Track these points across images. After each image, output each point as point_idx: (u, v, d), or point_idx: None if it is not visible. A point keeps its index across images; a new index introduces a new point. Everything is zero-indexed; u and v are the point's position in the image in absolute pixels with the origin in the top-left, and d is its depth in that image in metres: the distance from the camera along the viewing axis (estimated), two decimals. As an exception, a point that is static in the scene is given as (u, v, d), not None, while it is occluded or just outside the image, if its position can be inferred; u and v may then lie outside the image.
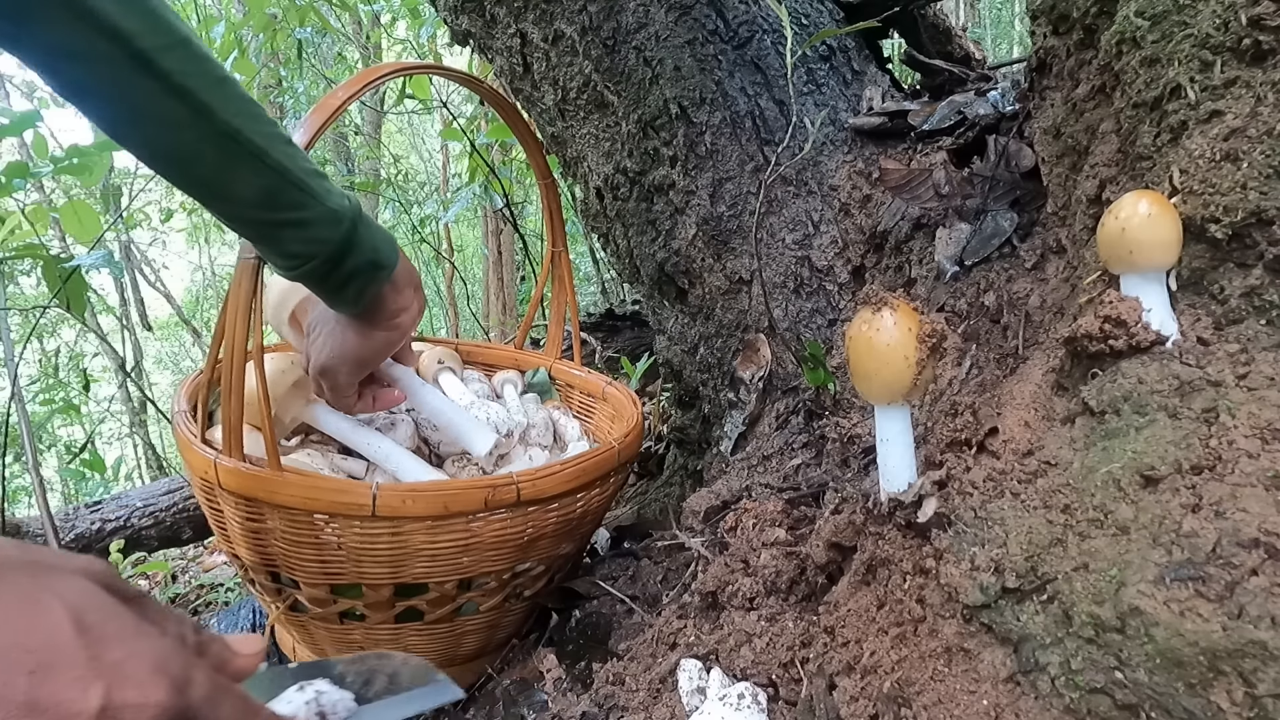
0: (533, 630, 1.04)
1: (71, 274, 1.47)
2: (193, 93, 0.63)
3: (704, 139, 1.07)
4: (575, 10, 1.07)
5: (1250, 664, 0.39)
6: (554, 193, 1.23)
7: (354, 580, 0.86)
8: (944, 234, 0.92)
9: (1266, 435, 0.44)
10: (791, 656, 0.64)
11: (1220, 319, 0.50)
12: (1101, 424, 0.51)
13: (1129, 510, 0.46)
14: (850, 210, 1.03)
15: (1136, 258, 0.50)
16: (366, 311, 0.85)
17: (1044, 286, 0.76)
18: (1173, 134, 0.53)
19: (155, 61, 0.61)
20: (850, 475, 0.87)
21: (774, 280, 1.07)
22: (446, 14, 1.25)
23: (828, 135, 1.06)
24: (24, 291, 5.07)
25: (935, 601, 0.54)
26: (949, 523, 0.56)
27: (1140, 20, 0.54)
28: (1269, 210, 0.47)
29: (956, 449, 0.61)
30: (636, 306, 2.27)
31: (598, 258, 3.19)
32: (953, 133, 0.98)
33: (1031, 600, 0.49)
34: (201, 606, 1.91)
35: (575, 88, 1.13)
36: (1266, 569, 0.40)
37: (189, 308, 7.85)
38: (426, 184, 6.29)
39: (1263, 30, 0.48)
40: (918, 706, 0.51)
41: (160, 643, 0.38)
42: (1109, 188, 0.61)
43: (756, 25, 1.05)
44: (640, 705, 0.69)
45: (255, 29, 3.16)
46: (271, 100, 4.16)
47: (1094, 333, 0.52)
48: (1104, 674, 0.44)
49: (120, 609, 0.38)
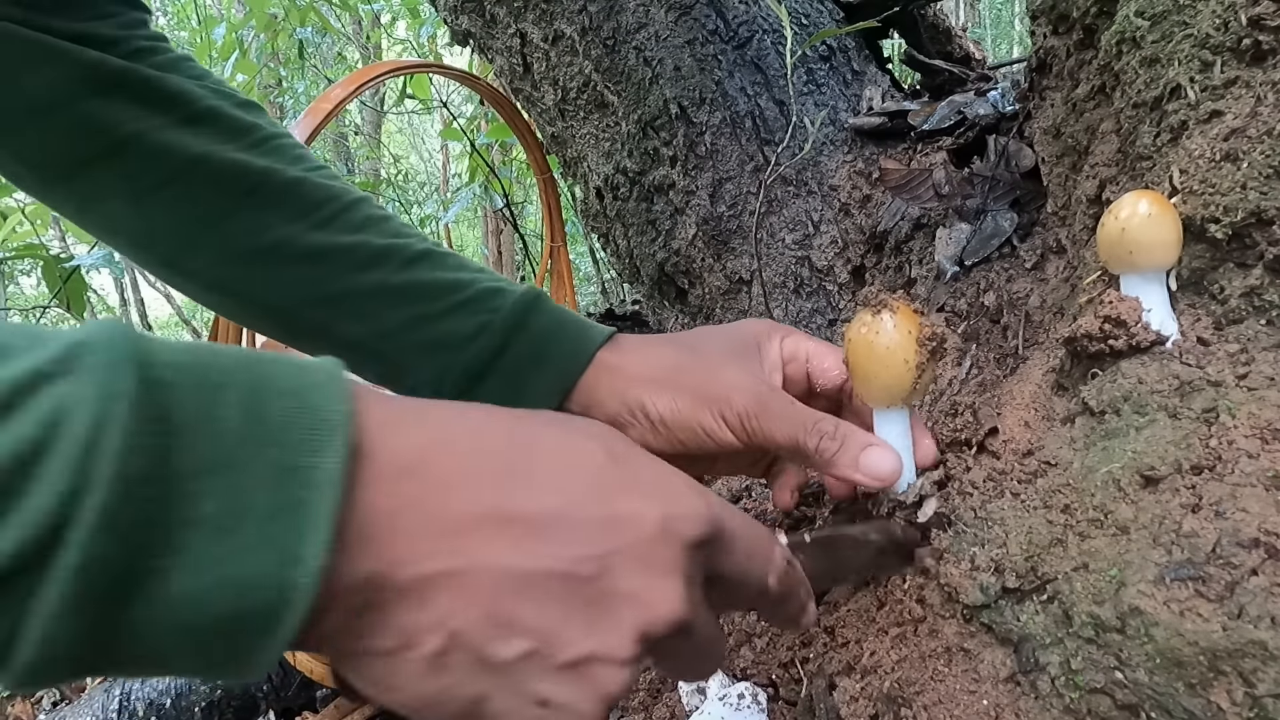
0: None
1: (71, 274, 1.47)
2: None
3: (704, 139, 1.07)
4: (575, 10, 1.07)
5: (1250, 664, 0.39)
6: (553, 189, 1.23)
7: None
8: (944, 234, 0.92)
9: (1266, 435, 0.44)
10: (791, 656, 0.64)
11: (1220, 319, 0.50)
12: (1101, 424, 0.51)
13: (1129, 510, 0.46)
14: (850, 210, 1.03)
15: (1136, 258, 0.50)
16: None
17: (1044, 286, 0.76)
18: (1173, 134, 0.53)
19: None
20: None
21: (774, 280, 1.07)
22: (446, 14, 1.25)
23: (828, 135, 1.06)
24: (24, 291, 5.07)
25: (935, 601, 0.54)
26: (949, 523, 0.56)
27: (1140, 20, 0.54)
28: (1269, 210, 0.47)
29: (956, 449, 0.61)
30: (636, 306, 2.27)
31: (598, 258, 3.19)
32: (953, 133, 0.98)
33: (1031, 600, 0.49)
34: (201, 606, 1.91)
35: (575, 88, 1.13)
36: (1266, 569, 0.40)
37: (189, 308, 7.85)
38: (426, 184, 6.29)
39: (1263, 30, 0.48)
40: (918, 706, 0.51)
41: (672, 469, 0.40)
42: (1109, 188, 0.61)
43: (756, 25, 1.05)
44: (640, 705, 0.69)
45: (256, 29, 3.16)
46: (271, 100, 4.16)
47: (1094, 333, 0.52)
48: (1104, 674, 0.44)
49: (634, 445, 0.41)
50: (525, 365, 0.60)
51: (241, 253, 0.61)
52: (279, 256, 0.61)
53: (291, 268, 0.61)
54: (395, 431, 0.33)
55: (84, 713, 1.12)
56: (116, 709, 1.11)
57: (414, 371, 0.61)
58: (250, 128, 0.64)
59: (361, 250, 0.62)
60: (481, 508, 0.33)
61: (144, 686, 1.13)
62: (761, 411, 0.54)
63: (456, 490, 0.33)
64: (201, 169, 0.60)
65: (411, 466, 0.33)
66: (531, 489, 0.35)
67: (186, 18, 6.39)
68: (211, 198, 0.60)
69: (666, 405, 0.57)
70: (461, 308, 0.61)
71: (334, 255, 0.61)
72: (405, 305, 0.61)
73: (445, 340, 0.60)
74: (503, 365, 0.60)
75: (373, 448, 0.32)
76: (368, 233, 0.63)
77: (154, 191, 0.60)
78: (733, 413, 0.55)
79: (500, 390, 0.60)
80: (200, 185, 0.60)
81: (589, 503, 0.35)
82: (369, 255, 0.62)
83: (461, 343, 0.60)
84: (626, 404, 0.58)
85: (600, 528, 0.35)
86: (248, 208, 0.61)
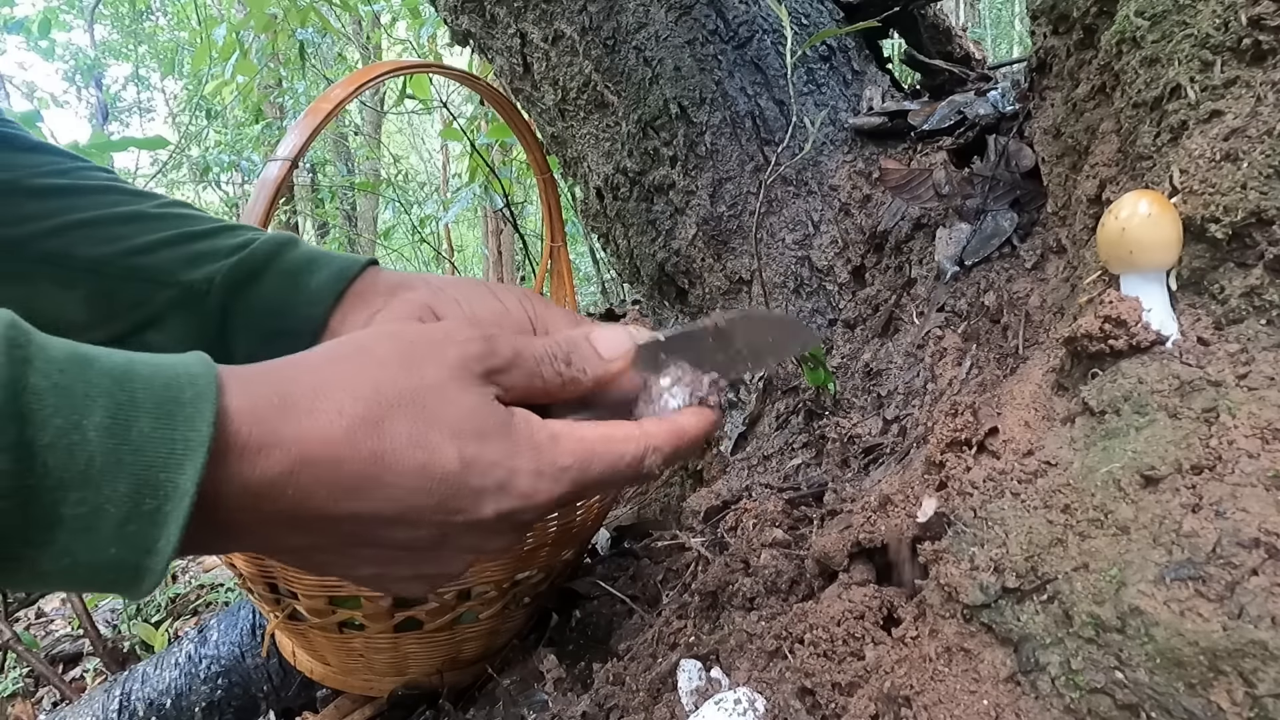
0: (533, 630, 1.04)
1: None
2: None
3: (704, 139, 1.07)
4: (575, 10, 1.07)
5: (1250, 664, 0.39)
6: (553, 188, 1.23)
7: (352, 592, 0.86)
8: (944, 234, 0.92)
9: (1266, 435, 0.44)
10: (791, 661, 0.64)
11: (1220, 319, 0.50)
12: (1101, 424, 0.51)
13: (1129, 510, 0.46)
14: (850, 210, 1.03)
15: (1137, 258, 0.50)
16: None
17: (1044, 286, 0.76)
18: (1173, 134, 0.53)
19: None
20: (850, 475, 0.87)
21: (774, 280, 1.07)
22: (446, 14, 1.25)
23: (828, 135, 1.06)
24: None
25: (935, 601, 0.54)
26: (949, 522, 0.56)
27: (1140, 20, 0.54)
28: (1269, 210, 0.47)
29: (956, 449, 0.61)
30: (636, 306, 2.27)
31: (598, 258, 3.19)
32: (953, 133, 0.98)
33: (1031, 600, 0.49)
34: (202, 607, 1.91)
35: (575, 88, 1.13)
36: (1266, 569, 0.40)
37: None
38: (426, 184, 6.29)
39: (1263, 30, 0.48)
40: (918, 706, 0.51)
41: (530, 439, 0.46)
42: (1109, 188, 0.61)
43: (756, 25, 1.05)
44: (640, 705, 0.69)
45: (256, 29, 3.16)
46: (272, 100, 4.16)
47: (1094, 333, 0.52)
48: (1104, 674, 0.44)
49: (493, 414, 0.45)
50: (301, 265, 0.60)
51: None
52: (8, 192, 0.57)
53: (25, 203, 0.57)
54: (261, 443, 0.38)
55: (84, 713, 1.12)
56: (116, 709, 1.11)
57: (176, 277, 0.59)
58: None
59: (111, 191, 0.61)
60: (338, 511, 0.41)
61: (144, 687, 1.13)
62: (542, 301, 0.62)
63: (315, 500, 0.40)
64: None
65: (274, 481, 0.38)
66: (377, 501, 0.41)
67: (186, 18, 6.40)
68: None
69: (449, 279, 0.62)
70: (225, 230, 0.61)
71: (77, 193, 0.59)
72: (162, 229, 0.59)
73: (211, 252, 0.59)
74: (277, 265, 0.59)
75: (236, 460, 0.37)
76: (119, 184, 0.62)
77: None
78: (518, 292, 0.62)
79: (278, 285, 0.59)
80: None
81: (427, 514, 0.43)
82: (120, 195, 0.61)
83: (228, 253, 0.59)
84: (407, 281, 0.61)
85: (435, 526, 0.44)
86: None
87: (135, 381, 0.35)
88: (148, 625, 1.61)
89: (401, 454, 0.41)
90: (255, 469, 0.37)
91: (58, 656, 1.76)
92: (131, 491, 0.33)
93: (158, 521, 0.34)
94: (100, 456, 0.33)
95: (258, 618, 1.14)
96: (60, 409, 0.32)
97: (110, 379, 0.34)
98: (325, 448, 0.40)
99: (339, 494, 0.40)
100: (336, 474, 0.40)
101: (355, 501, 0.41)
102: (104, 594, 0.34)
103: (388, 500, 0.42)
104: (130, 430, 0.33)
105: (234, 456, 0.37)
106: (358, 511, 0.41)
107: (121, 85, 8.74)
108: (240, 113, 4.90)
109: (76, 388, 0.33)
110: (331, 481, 0.40)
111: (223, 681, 1.12)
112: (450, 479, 0.43)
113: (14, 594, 1.71)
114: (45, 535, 0.32)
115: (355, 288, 0.60)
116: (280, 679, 1.12)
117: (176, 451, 0.34)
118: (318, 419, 0.40)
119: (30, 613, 2.10)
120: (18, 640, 1.45)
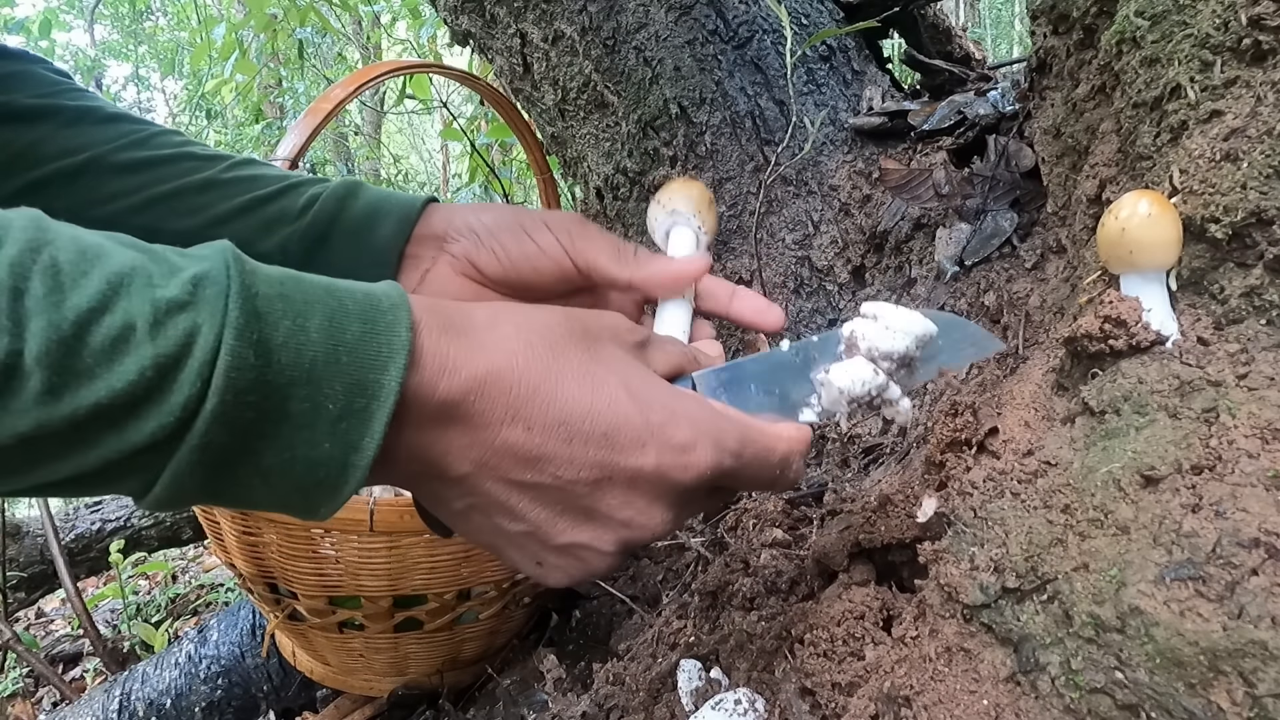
0: (533, 630, 1.04)
1: None
2: None
3: (704, 139, 1.07)
4: (575, 10, 1.07)
5: (1250, 664, 0.39)
6: (553, 188, 1.23)
7: (352, 592, 0.86)
8: (944, 234, 0.92)
9: (1266, 435, 0.44)
10: (790, 661, 0.64)
11: (1220, 319, 0.50)
12: (1101, 424, 0.51)
13: (1129, 510, 0.46)
14: (850, 210, 1.03)
15: (1136, 258, 0.50)
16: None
17: (1044, 286, 0.76)
18: (1173, 134, 0.53)
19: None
20: (850, 475, 0.87)
21: (774, 280, 1.07)
22: (446, 14, 1.25)
23: (828, 135, 1.06)
24: None
25: (935, 601, 0.54)
26: (949, 522, 0.56)
27: (1140, 20, 0.54)
28: (1269, 210, 0.47)
29: (956, 449, 0.61)
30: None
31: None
32: (953, 133, 0.98)
33: (1031, 600, 0.49)
34: (201, 607, 1.91)
35: (575, 88, 1.13)
36: (1266, 569, 0.40)
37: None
38: (426, 184, 6.29)
39: (1263, 30, 0.48)
40: (918, 706, 0.51)
41: (691, 403, 0.47)
42: (1109, 188, 0.61)
43: (756, 25, 1.05)
44: (640, 706, 0.69)
45: (256, 29, 3.16)
46: (272, 100, 4.16)
47: (1094, 333, 0.52)
48: (1104, 674, 0.44)
49: (653, 376, 0.48)
50: (363, 223, 0.63)
51: (54, 175, 0.61)
52: (96, 171, 0.62)
53: (111, 180, 0.62)
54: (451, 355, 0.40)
55: (84, 713, 1.12)
56: (116, 709, 1.11)
57: (252, 248, 0.62)
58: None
59: (184, 159, 0.64)
60: (513, 436, 0.42)
61: (144, 687, 1.13)
62: (582, 230, 0.61)
63: (494, 415, 0.41)
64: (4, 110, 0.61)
65: (464, 390, 0.41)
66: (549, 420, 0.43)
67: (186, 18, 6.40)
68: (18, 129, 0.61)
69: (491, 218, 0.63)
70: (292, 189, 0.64)
71: (156, 165, 0.63)
72: (236, 194, 0.63)
73: (281, 216, 0.63)
74: (342, 226, 0.63)
75: (430, 369, 0.40)
76: (190, 148, 0.66)
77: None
78: (556, 226, 0.61)
79: (345, 248, 0.63)
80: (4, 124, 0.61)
81: (592, 446, 0.44)
82: (193, 162, 0.64)
83: (297, 215, 0.63)
84: (454, 226, 0.62)
85: (596, 465, 0.44)
86: (61, 134, 0.62)
87: (341, 291, 0.39)
88: (148, 625, 1.62)
89: (576, 373, 0.44)
90: (444, 379, 0.40)
91: (58, 656, 1.76)
92: (345, 390, 0.37)
93: (365, 419, 0.37)
94: (321, 356, 0.36)
95: (258, 618, 1.14)
96: (287, 312, 0.36)
97: (322, 289, 0.38)
98: (507, 358, 0.42)
99: (517, 406, 0.42)
100: (516, 386, 0.42)
101: (529, 416, 0.42)
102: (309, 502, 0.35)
103: (559, 422, 0.43)
104: (345, 333, 0.37)
105: (428, 364, 0.40)
106: (529, 430, 0.42)
107: (121, 85, 8.74)
108: (240, 113, 4.91)
109: (296, 295, 0.37)
110: (511, 393, 0.42)
111: (223, 681, 1.12)
112: (617, 407, 0.44)
113: (14, 594, 1.71)
114: (275, 429, 0.36)
115: (410, 248, 0.63)
116: (280, 679, 1.12)
117: (382, 355, 0.38)
118: (499, 334, 0.43)
119: (30, 613, 2.10)
120: (18, 640, 1.45)
